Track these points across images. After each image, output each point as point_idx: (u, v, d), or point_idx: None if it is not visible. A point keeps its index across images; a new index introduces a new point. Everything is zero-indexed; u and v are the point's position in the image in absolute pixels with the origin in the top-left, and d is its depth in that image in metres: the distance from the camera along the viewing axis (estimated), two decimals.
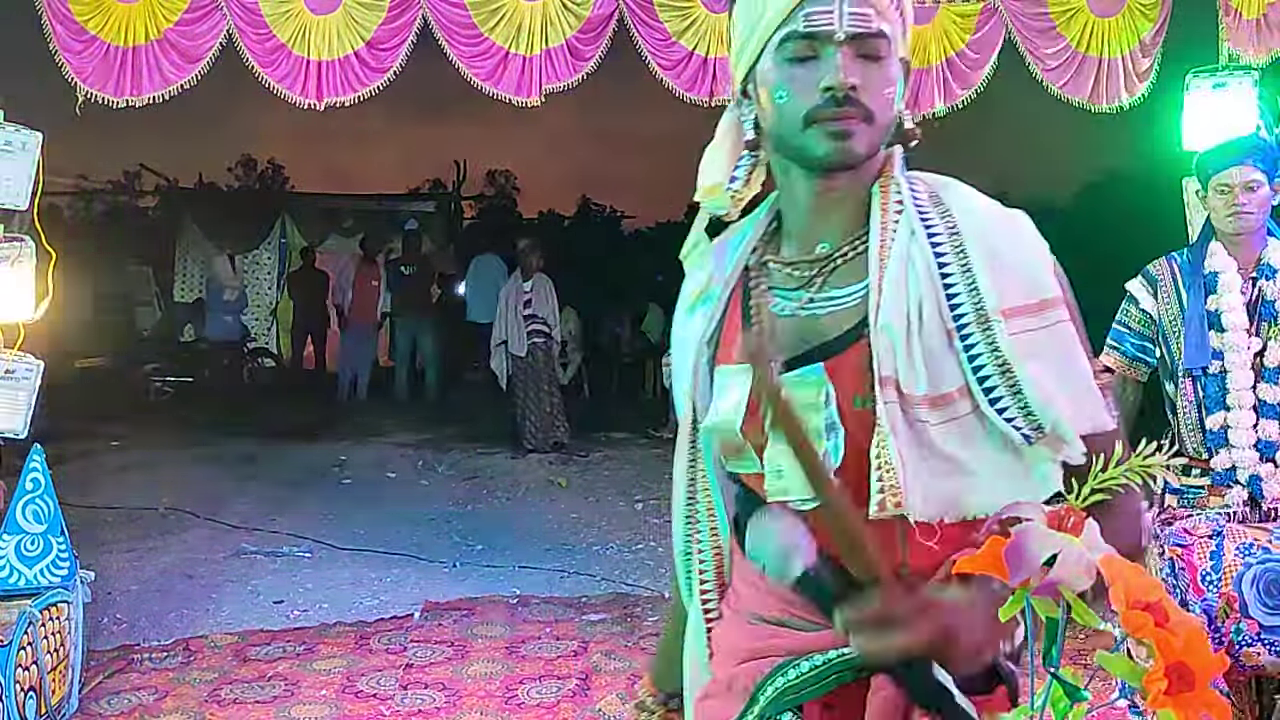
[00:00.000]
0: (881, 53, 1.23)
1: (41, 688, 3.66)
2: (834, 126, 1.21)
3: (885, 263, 1.22)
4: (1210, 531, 2.84)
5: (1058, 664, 1.04)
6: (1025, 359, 1.17)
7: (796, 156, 1.27)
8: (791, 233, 1.32)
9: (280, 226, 14.94)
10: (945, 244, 1.22)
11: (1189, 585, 2.81)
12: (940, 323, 1.19)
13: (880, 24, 1.22)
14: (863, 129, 1.22)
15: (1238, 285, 2.95)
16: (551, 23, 4.70)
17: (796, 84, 1.22)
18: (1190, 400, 2.97)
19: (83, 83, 4.41)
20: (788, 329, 1.26)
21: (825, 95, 1.21)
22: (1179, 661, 0.96)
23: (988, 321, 1.18)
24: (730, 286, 1.34)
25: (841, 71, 1.20)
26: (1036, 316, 1.20)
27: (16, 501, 3.93)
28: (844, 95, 1.20)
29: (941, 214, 1.24)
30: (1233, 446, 2.90)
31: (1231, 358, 2.92)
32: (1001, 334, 1.18)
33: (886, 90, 1.24)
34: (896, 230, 1.23)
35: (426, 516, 6.88)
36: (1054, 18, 4.90)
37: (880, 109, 1.23)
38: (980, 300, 1.19)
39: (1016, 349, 1.17)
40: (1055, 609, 1.03)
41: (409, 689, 4.17)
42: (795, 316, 1.27)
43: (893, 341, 1.19)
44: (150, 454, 8.69)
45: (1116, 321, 3.18)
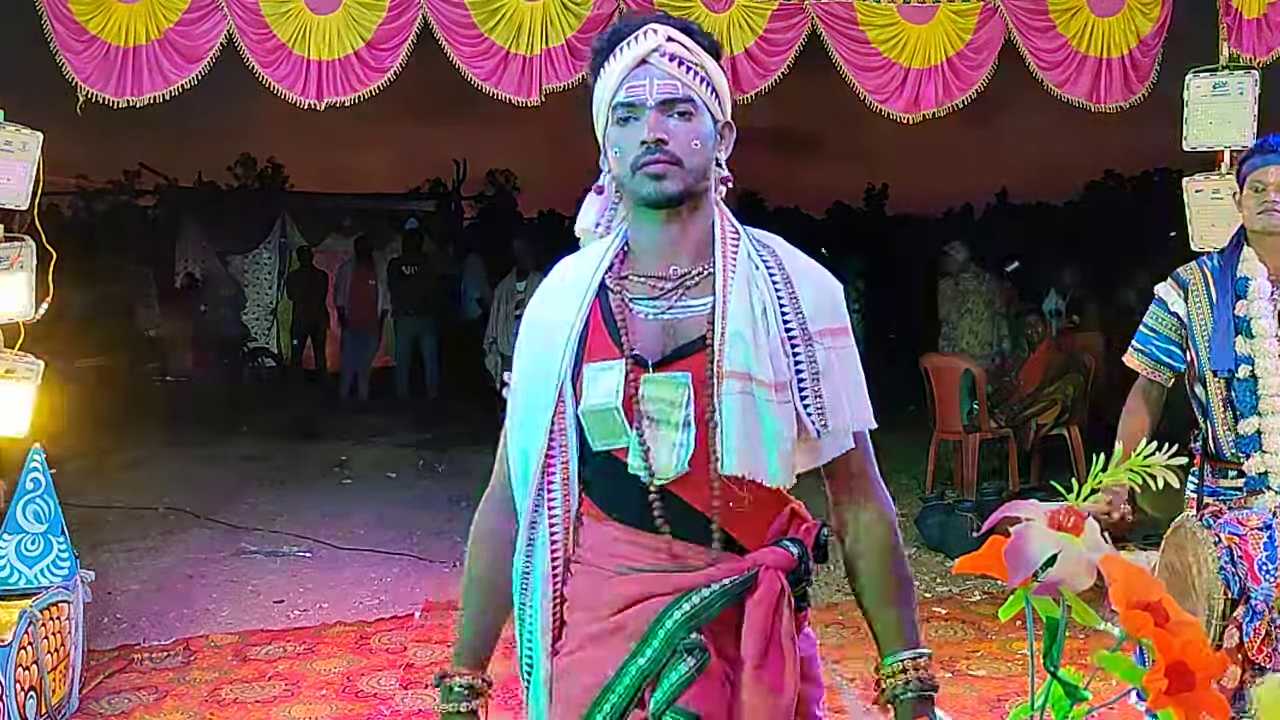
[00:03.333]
0: (688, 112, 1.58)
1: (41, 687, 3.66)
2: (651, 170, 1.56)
3: (730, 283, 1.57)
4: (1261, 524, 2.84)
5: (1058, 664, 1.04)
6: (826, 373, 1.57)
7: (635, 197, 1.61)
8: (642, 256, 1.64)
9: (280, 226, 14.93)
10: (778, 276, 1.60)
11: (1248, 573, 2.80)
12: (779, 330, 1.56)
13: (685, 91, 1.58)
14: (674, 170, 1.56)
15: (1268, 291, 2.93)
16: (551, 22, 4.70)
17: (624, 141, 1.59)
18: (1224, 404, 2.97)
19: (83, 83, 4.41)
20: (652, 331, 1.59)
21: (642, 147, 1.56)
22: (1179, 661, 0.96)
23: (810, 337, 1.57)
24: (591, 296, 1.63)
25: (650, 128, 1.56)
26: (836, 339, 1.60)
27: (16, 501, 3.93)
28: (654, 144, 1.55)
29: (771, 254, 1.63)
30: (1266, 452, 2.89)
31: (1261, 363, 2.90)
32: (818, 349, 1.57)
33: (694, 141, 1.58)
34: (736, 260, 1.60)
35: (426, 516, 6.89)
36: (1054, 17, 4.89)
37: (687, 155, 1.57)
38: (804, 320, 1.58)
39: (821, 363, 1.57)
40: (1055, 609, 1.03)
41: (409, 689, 4.17)
42: (658, 321, 1.60)
43: (744, 342, 1.54)
44: (150, 454, 8.69)
45: (1143, 326, 3.14)
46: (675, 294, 1.60)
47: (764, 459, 1.54)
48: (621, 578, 1.58)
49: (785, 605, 1.55)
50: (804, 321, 1.58)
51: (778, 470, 1.54)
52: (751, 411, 1.53)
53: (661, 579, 1.56)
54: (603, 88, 1.62)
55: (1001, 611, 1.08)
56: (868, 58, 4.91)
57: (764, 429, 1.54)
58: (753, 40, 4.85)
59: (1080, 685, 1.03)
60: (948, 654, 4.47)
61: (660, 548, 1.57)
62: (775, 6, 4.86)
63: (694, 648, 1.52)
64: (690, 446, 1.54)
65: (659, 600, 1.55)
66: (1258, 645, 2.76)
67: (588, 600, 1.60)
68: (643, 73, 1.58)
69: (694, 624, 1.53)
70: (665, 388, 1.55)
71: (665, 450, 1.54)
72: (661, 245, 1.62)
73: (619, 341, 1.59)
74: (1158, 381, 3.14)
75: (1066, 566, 1.00)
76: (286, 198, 17.81)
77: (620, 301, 1.61)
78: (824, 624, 4.84)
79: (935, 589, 5.43)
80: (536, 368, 1.63)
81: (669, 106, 1.57)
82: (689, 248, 1.62)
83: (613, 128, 1.61)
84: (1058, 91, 4.93)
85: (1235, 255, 3.02)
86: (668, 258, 1.62)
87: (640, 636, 1.54)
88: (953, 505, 6.40)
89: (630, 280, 1.63)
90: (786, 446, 1.54)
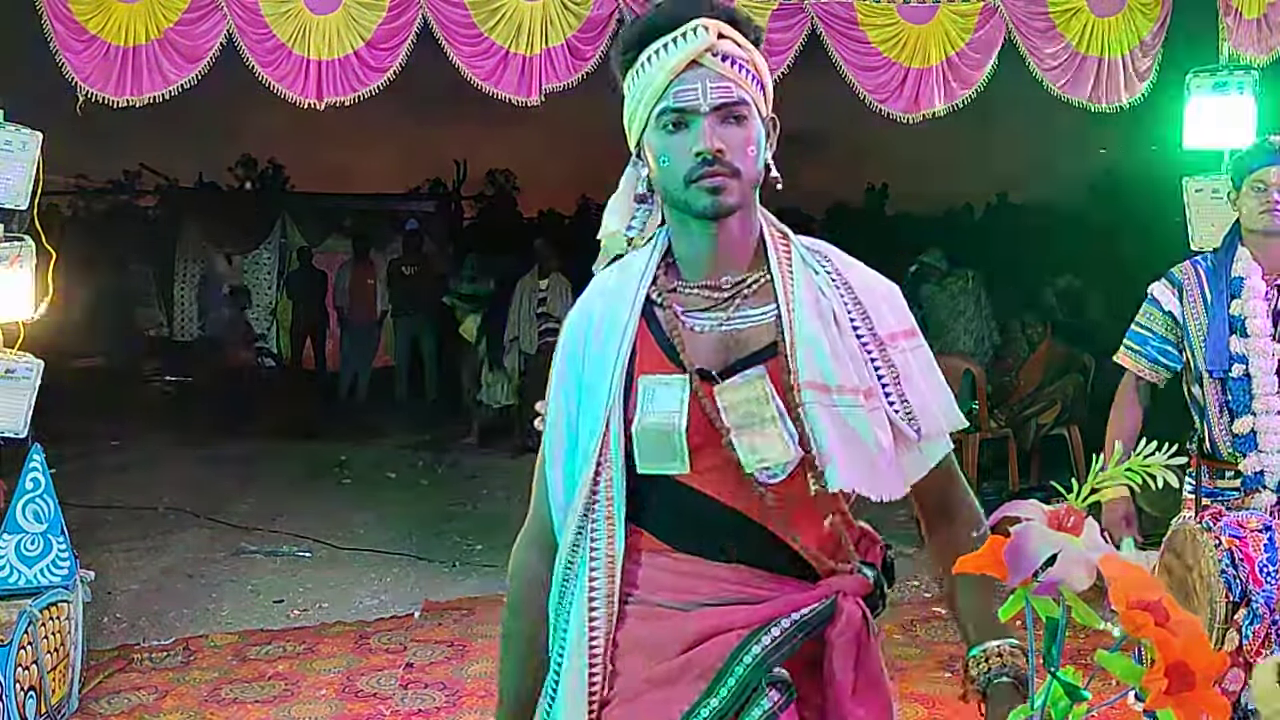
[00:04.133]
0: (743, 115, 1.46)
1: (41, 687, 3.66)
2: (707, 184, 1.44)
3: (791, 288, 1.48)
4: (1261, 525, 2.84)
5: (1058, 664, 1.04)
6: (907, 376, 1.48)
7: (685, 209, 1.48)
8: (689, 267, 1.53)
9: (280, 226, 14.92)
10: (838, 280, 1.51)
11: (1249, 576, 2.80)
12: (851, 335, 1.47)
13: (739, 93, 1.46)
14: (732, 183, 1.44)
15: (1262, 291, 2.93)
16: (551, 22, 4.70)
17: (674, 150, 1.46)
18: (1219, 404, 2.96)
19: (83, 83, 4.41)
20: (710, 342, 1.48)
21: (697, 159, 1.43)
22: (1179, 661, 0.96)
23: (882, 342, 1.48)
24: (638, 312, 1.51)
25: (707, 138, 1.43)
26: (910, 340, 1.52)
27: (16, 501, 3.93)
28: (712, 157, 1.43)
29: (824, 260, 1.54)
30: (1261, 451, 2.90)
31: (1256, 363, 2.90)
32: (893, 353, 1.48)
33: (750, 149, 1.46)
34: (791, 265, 1.51)
35: (426, 516, 6.88)
36: (1054, 18, 4.90)
37: (745, 165, 1.46)
38: (873, 325, 1.48)
39: (900, 367, 1.48)
40: (1055, 609, 1.03)
41: (409, 689, 4.17)
42: (715, 332, 1.49)
43: (814, 348, 1.44)
44: (150, 454, 8.69)
45: (1137, 324, 3.14)
46: (732, 304, 1.50)
47: (874, 470, 1.42)
48: (686, 614, 1.45)
49: (870, 636, 1.45)
50: (872, 326, 1.49)
51: (887, 482, 1.44)
52: (842, 422, 1.42)
53: (735, 611, 1.44)
54: (643, 87, 1.48)
55: (1001, 612, 1.08)
56: (868, 58, 4.91)
57: (865, 439, 1.43)
58: None
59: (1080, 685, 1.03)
60: (947, 654, 4.46)
61: (728, 577, 1.46)
62: (775, 6, 4.86)
63: (778, 681, 1.39)
64: (795, 433, 1.42)
65: (734, 635, 1.42)
66: (1257, 647, 2.76)
67: (647, 642, 1.46)
68: (694, 75, 1.45)
69: (774, 659, 1.40)
70: (743, 390, 1.43)
71: (773, 443, 1.42)
72: (712, 254, 1.51)
73: (675, 358, 1.47)
74: (1150, 380, 3.14)
75: (1066, 566, 1.00)
76: (287, 198, 17.78)
77: (671, 315, 1.50)
78: None
79: (935, 588, 5.42)
80: (580, 392, 1.52)
81: (724, 111, 1.45)
82: (741, 255, 1.52)
83: (657, 133, 1.47)
84: (1058, 91, 4.93)
85: (1229, 255, 3.01)
86: (719, 267, 1.51)
87: (713, 675, 1.40)
88: None
89: (680, 292, 1.52)
90: (888, 456, 1.44)
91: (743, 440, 1.42)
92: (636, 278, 1.54)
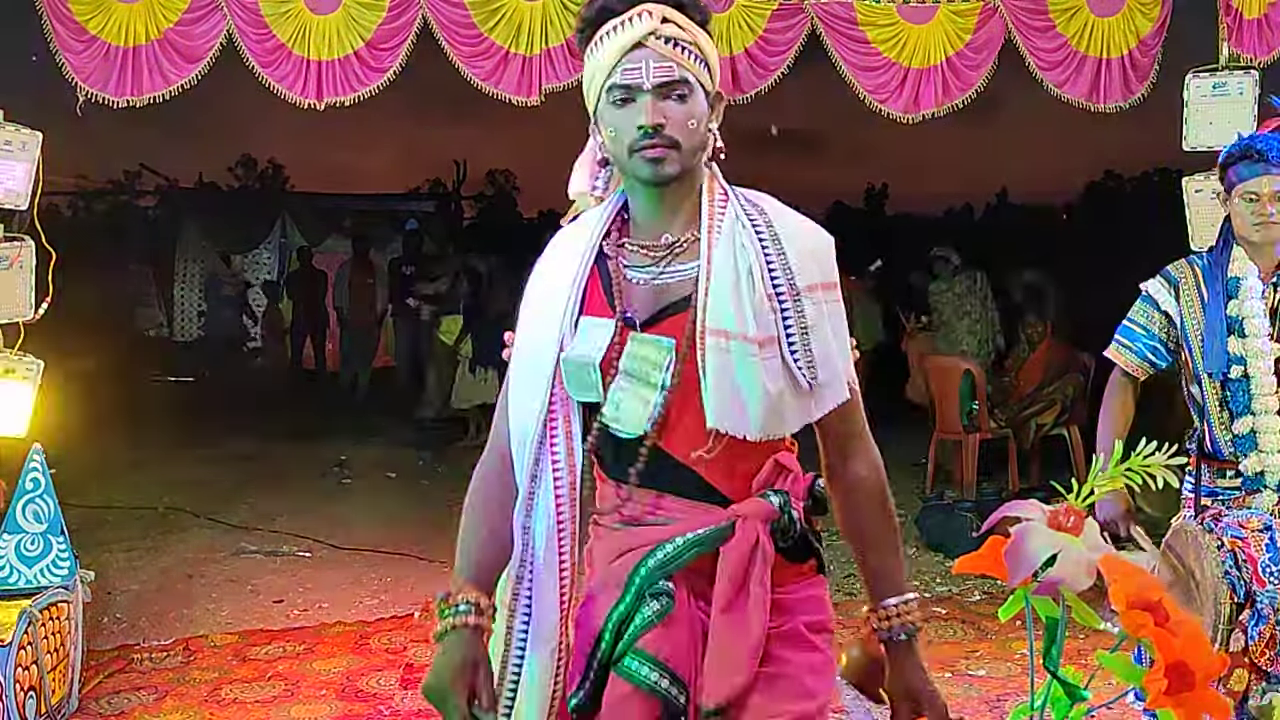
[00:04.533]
0: (684, 93, 1.61)
1: (41, 687, 3.66)
2: (649, 154, 1.60)
3: (714, 247, 1.63)
4: (1262, 525, 2.83)
5: (1058, 664, 1.04)
6: (815, 327, 1.61)
7: (631, 175, 1.66)
8: (640, 224, 1.71)
9: (280, 226, 14.93)
10: (766, 235, 1.63)
11: (1252, 576, 2.80)
12: (764, 287, 1.60)
13: (681, 73, 1.61)
14: (671, 154, 1.60)
15: (1260, 290, 2.91)
16: (551, 22, 4.70)
17: (621, 123, 1.62)
18: (1219, 404, 2.95)
19: (83, 83, 4.41)
20: (644, 294, 1.66)
21: (640, 132, 1.59)
22: (1179, 661, 0.96)
23: (798, 293, 1.61)
24: (590, 261, 1.70)
25: (648, 114, 1.59)
26: (827, 293, 1.64)
27: (16, 501, 3.93)
28: (652, 130, 1.59)
29: (760, 214, 1.66)
30: (1261, 451, 2.89)
31: (1254, 363, 2.89)
32: (806, 304, 1.61)
33: (690, 122, 1.61)
34: (722, 223, 1.65)
35: (426, 516, 6.88)
36: (1054, 17, 4.89)
37: (685, 136, 1.61)
38: (793, 277, 1.61)
39: (811, 318, 1.60)
40: (1055, 609, 1.03)
41: (409, 689, 4.17)
42: (649, 284, 1.67)
43: (720, 300, 1.59)
44: (150, 454, 8.69)
45: (1129, 320, 3.12)
46: (666, 259, 1.67)
47: (745, 413, 1.58)
48: (617, 533, 1.69)
49: (759, 553, 1.61)
50: (791, 278, 1.61)
51: (760, 424, 1.59)
52: (731, 367, 1.58)
53: (640, 533, 1.66)
54: (595, 65, 1.66)
55: (1001, 611, 1.08)
56: (867, 58, 4.91)
57: (745, 384, 1.58)
58: (753, 40, 4.85)
59: (1080, 685, 1.03)
60: (947, 654, 4.46)
61: (648, 501, 1.66)
62: (775, 6, 4.86)
63: (660, 593, 1.60)
64: (659, 408, 1.61)
65: (638, 552, 1.63)
66: (1261, 649, 2.76)
67: (600, 556, 1.71)
68: (639, 56, 1.60)
69: (663, 572, 1.61)
70: (649, 348, 1.62)
71: (637, 406, 1.61)
72: (655, 215, 1.69)
73: (613, 303, 1.66)
74: (1136, 376, 3.13)
75: (1066, 566, 1.00)
76: (287, 198, 17.79)
77: (616, 266, 1.68)
78: None
79: (935, 589, 5.42)
80: (540, 327, 1.70)
81: (666, 89, 1.60)
82: (681, 216, 1.68)
83: (608, 108, 1.65)
84: (1058, 91, 4.93)
85: (1225, 254, 2.99)
86: (661, 226, 1.68)
87: (623, 585, 1.63)
88: (952, 505, 6.40)
89: (626, 247, 1.70)
90: (771, 401, 1.58)
91: (615, 391, 1.62)
92: (593, 229, 1.72)
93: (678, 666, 1.60)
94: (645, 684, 1.59)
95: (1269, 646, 2.75)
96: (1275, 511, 2.88)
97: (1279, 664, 2.75)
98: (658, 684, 1.59)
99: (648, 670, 1.59)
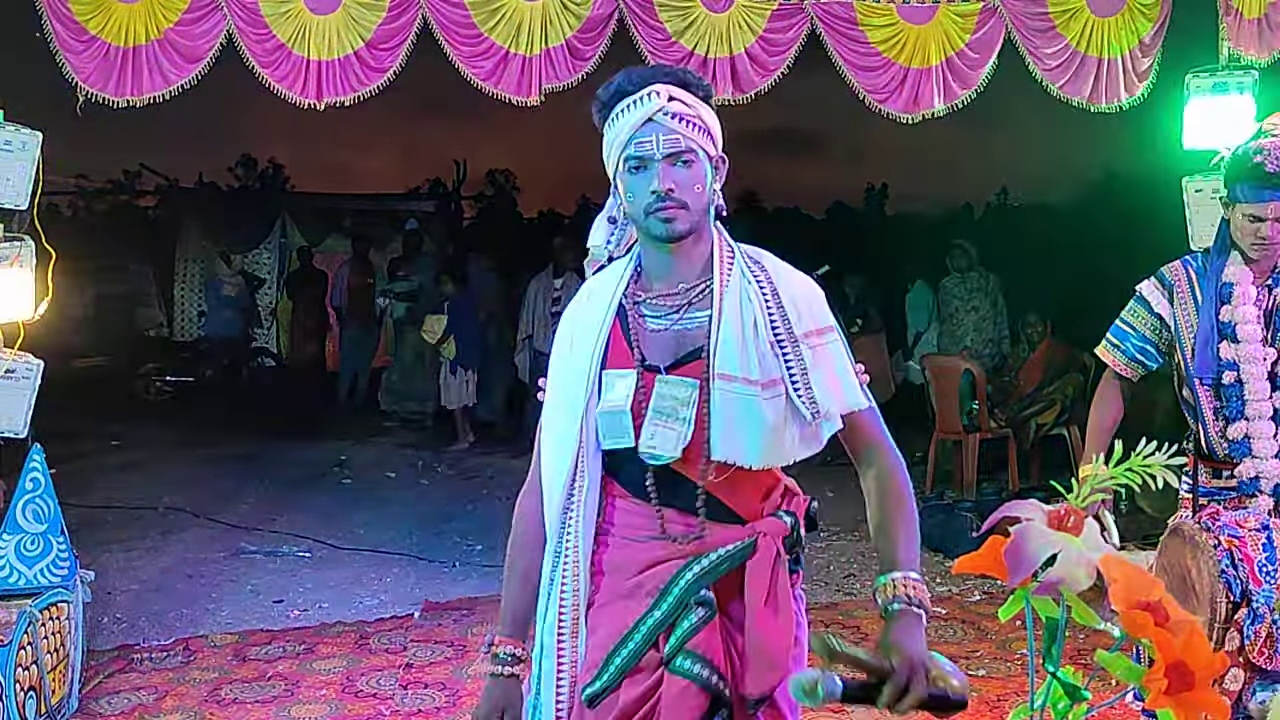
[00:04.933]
0: (690, 160, 1.84)
1: (41, 687, 3.66)
2: (662, 215, 1.82)
3: (724, 297, 1.85)
4: (1259, 525, 2.83)
5: (1058, 664, 1.04)
6: (814, 367, 1.83)
7: (647, 233, 1.88)
8: (653, 278, 1.93)
9: (280, 226, 14.91)
10: (767, 289, 1.87)
11: (1249, 575, 2.80)
12: (767, 335, 1.83)
13: (686, 143, 1.83)
14: (682, 214, 1.83)
15: (1254, 296, 2.90)
16: (551, 22, 4.70)
17: (636, 188, 1.85)
18: (1212, 409, 2.94)
19: (83, 83, 4.40)
20: (664, 341, 1.88)
21: (653, 195, 1.82)
22: (1179, 661, 0.96)
23: (796, 340, 1.84)
24: (612, 314, 1.91)
25: (660, 180, 1.81)
26: (822, 337, 1.87)
27: (16, 501, 3.93)
28: (664, 194, 1.81)
29: (761, 270, 1.90)
30: (1255, 456, 2.88)
31: (1247, 368, 2.88)
32: (804, 349, 1.84)
33: (696, 186, 1.84)
34: (730, 276, 1.88)
35: (426, 516, 6.89)
36: (1054, 18, 4.89)
37: (692, 199, 1.84)
38: (790, 325, 1.85)
39: (809, 359, 1.83)
40: (1055, 609, 1.03)
41: (409, 689, 4.17)
42: (668, 331, 1.89)
43: (728, 347, 1.82)
44: (150, 454, 8.69)
45: (1121, 320, 3.13)
46: (682, 309, 1.89)
47: (745, 446, 1.81)
48: (640, 544, 1.88)
49: (780, 566, 1.85)
50: (790, 326, 1.85)
51: (759, 455, 1.82)
52: (736, 406, 1.80)
53: (677, 546, 1.86)
54: (613, 137, 1.87)
55: (1001, 611, 1.08)
56: (867, 58, 4.91)
57: (748, 420, 1.80)
58: (753, 40, 4.85)
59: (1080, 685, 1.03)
60: (947, 654, 4.45)
61: (657, 517, 1.86)
62: (775, 6, 4.86)
63: (704, 602, 1.81)
64: (687, 438, 1.81)
65: (675, 563, 1.84)
66: (1259, 648, 2.76)
67: (614, 564, 1.89)
68: (649, 130, 1.83)
69: (703, 582, 1.82)
70: (676, 388, 1.83)
71: (670, 437, 1.82)
72: (669, 269, 1.90)
73: (633, 351, 1.88)
74: (1126, 376, 3.13)
75: (1066, 566, 1.00)
76: (287, 198, 17.78)
77: (635, 317, 1.90)
78: (824, 623, 4.84)
79: (935, 589, 5.42)
80: (570, 375, 1.92)
81: (674, 158, 1.83)
82: (692, 269, 1.90)
83: (625, 174, 1.86)
84: (1058, 92, 4.93)
85: (1220, 258, 2.97)
86: (675, 278, 1.90)
87: (657, 593, 1.83)
88: (952, 505, 6.41)
89: (644, 299, 1.92)
90: (772, 435, 1.81)
91: (649, 427, 1.82)
92: (614, 284, 1.94)
93: (718, 662, 1.81)
94: (699, 680, 1.78)
95: (1266, 645, 2.76)
96: (1272, 513, 2.88)
97: (1276, 662, 2.75)
98: (710, 679, 1.79)
99: (700, 668, 1.79)
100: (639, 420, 1.83)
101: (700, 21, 4.80)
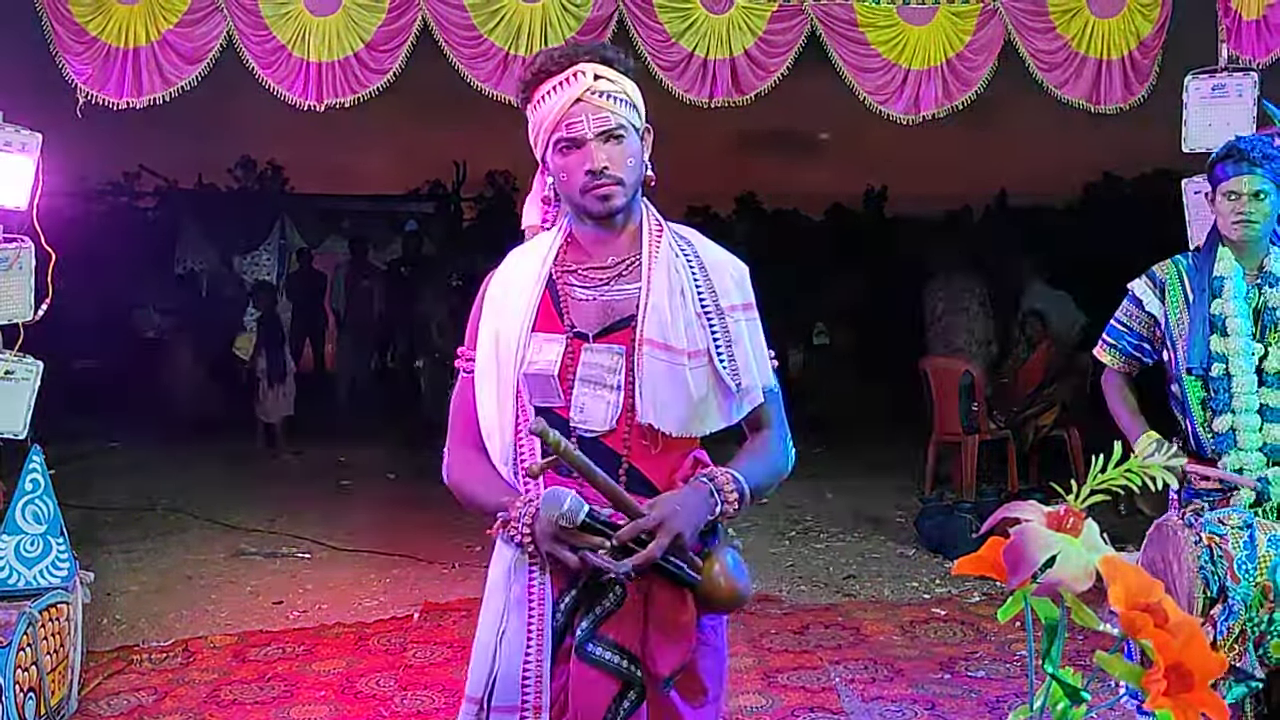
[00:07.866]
0: (621, 135, 1.87)
1: (41, 688, 3.66)
2: (597, 193, 1.86)
3: (653, 270, 1.90)
4: (1241, 523, 2.86)
5: (1057, 665, 1.04)
6: (737, 341, 1.91)
7: (581, 211, 1.91)
8: (585, 248, 1.95)
9: (280, 228, 14.92)
10: (695, 263, 1.94)
11: (1227, 572, 2.82)
12: (694, 305, 1.90)
13: (616, 120, 1.87)
14: (616, 189, 1.87)
15: (1243, 291, 2.97)
16: (551, 24, 4.70)
17: (569, 168, 1.88)
18: (1200, 402, 3.00)
19: (83, 83, 4.41)
20: (592, 310, 1.91)
21: (588, 175, 1.85)
22: (1178, 661, 0.96)
23: (722, 312, 1.91)
24: (542, 283, 1.94)
25: (593, 158, 1.84)
26: (744, 312, 1.95)
27: (16, 502, 3.93)
28: (598, 171, 1.84)
29: (689, 245, 1.97)
30: (1240, 449, 2.93)
31: (1235, 362, 2.94)
32: (729, 321, 1.91)
33: (629, 160, 1.88)
34: (658, 250, 1.93)
35: (426, 517, 6.88)
36: (1054, 18, 4.89)
37: (626, 173, 1.87)
38: (717, 297, 1.92)
39: (733, 332, 1.91)
40: (1055, 610, 1.03)
41: (409, 689, 4.17)
42: (596, 301, 1.92)
43: (658, 316, 1.86)
44: (150, 455, 8.69)
45: (1114, 319, 3.20)
46: (612, 280, 1.92)
47: (669, 413, 1.86)
48: None
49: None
50: (716, 299, 1.92)
51: (681, 423, 1.87)
52: (665, 373, 1.85)
53: None
54: (541, 119, 1.91)
55: (1001, 613, 1.08)
56: (867, 59, 4.91)
57: (674, 388, 1.86)
58: (752, 41, 4.85)
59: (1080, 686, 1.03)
60: (947, 655, 4.47)
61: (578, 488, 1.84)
62: (775, 7, 4.86)
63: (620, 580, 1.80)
64: (620, 406, 1.86)
65: None
66: (1229, 644, 2.79)
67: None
68: (579, 110, 1.86)
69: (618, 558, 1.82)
70: (603, 356, 1.88)
71: (600, 407, 1.87)
72: (600, 241, 1.94)
73: (563, 320, 1.91)
74: (1124, 373, 3.20)
75: (1066, 567, 1.00)
76: (286, 199, 17.78)
77: (565, 287, 1.93)
78: (823, 624, 4.84)
79: (934, 590, 5.42)
80: (501, 341, 1.93)
81: (605, 135, 1.86)
82: (623, 242, 1.95)
83: (555, 155, 1.90)
84: (1058, 92, 4.93)
85: (1211, 255, 3.04)
86: (605, 252, 1.94)
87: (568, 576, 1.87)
88: (952, 506, 6.40)
89: (574, 269, 1.95)
90: (696, 403, 1.87)
91: (579, 396, 1.87)
92: (542, 255, 1.97)
93: (630, 646, 1.83)
94: (608, 666, 1.82)
95: (1238, 642, 2.79)
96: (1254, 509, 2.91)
97: (1246, 659, 2.78)
98: (619, 664, 1.83)
99: (610, 654, 1.82)
100: (567, 387, 1.87)
101: (700, 23, 4.80)
